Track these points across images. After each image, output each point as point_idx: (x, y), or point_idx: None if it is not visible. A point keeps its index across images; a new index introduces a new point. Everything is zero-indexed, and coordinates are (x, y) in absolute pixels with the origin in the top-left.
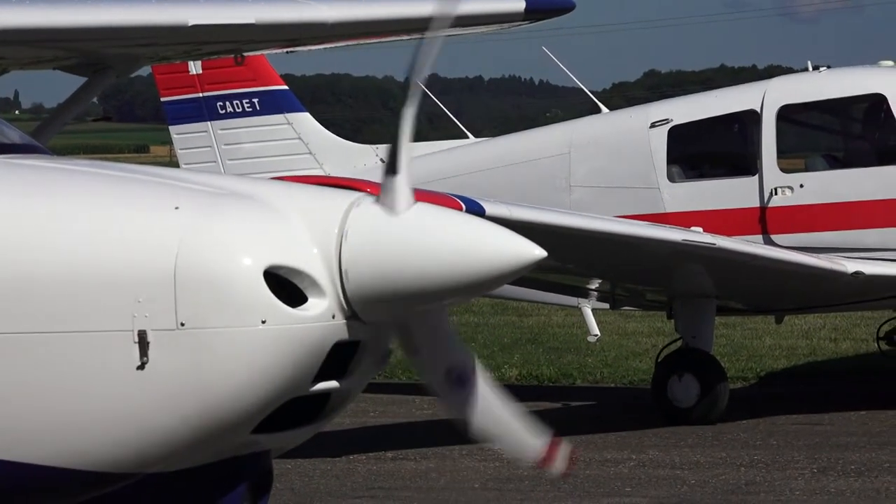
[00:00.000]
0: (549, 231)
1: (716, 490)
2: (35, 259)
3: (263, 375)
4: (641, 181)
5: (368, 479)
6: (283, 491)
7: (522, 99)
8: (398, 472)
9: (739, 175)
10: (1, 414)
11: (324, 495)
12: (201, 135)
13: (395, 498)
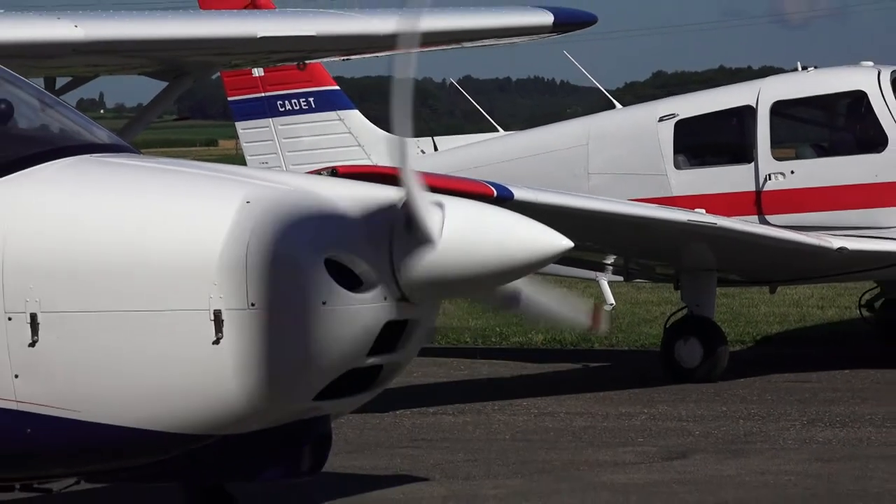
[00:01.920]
0: (571, 213)
1: (717, 440)
2: (129, 248)
3: (323, 350)
4: (651, 169)
5: (412, 432)
6: (337, 442)
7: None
8: (438, 425)
9: (737, 163)
10: (99, 383)
11: (373, 446)
12: (264, 130)
13: (435, 448)
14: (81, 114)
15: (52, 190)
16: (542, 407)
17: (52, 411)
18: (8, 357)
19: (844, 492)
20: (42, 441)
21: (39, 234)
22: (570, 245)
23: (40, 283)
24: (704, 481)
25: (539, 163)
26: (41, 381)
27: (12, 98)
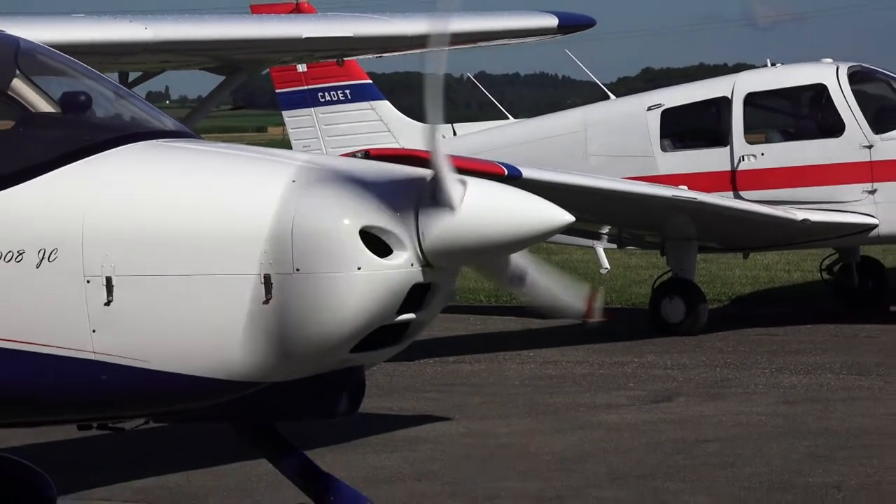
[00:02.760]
0: (572, 190)
1: (698, 385)
2: (191, 219)
3: (358, 309)
4: (640, 151)
5: (434, 378)
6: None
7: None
8: (457, 372)
9: (715, 146)
10: (166, 337)
11: (401, 390)
12: (306, 118)
13: (454, 392)
14: (150, 104)
15: (125, 170)
16: (547, 357)
17: (124, 361)
18: (87, 314)
19: (808, 429)
20: (115, 387)
21: (114, 208)
22: (572, 219)
23: (114, 250)
24: (687, 421)
25: (544, 146)
26: (115, 335)
27: (91, 90)
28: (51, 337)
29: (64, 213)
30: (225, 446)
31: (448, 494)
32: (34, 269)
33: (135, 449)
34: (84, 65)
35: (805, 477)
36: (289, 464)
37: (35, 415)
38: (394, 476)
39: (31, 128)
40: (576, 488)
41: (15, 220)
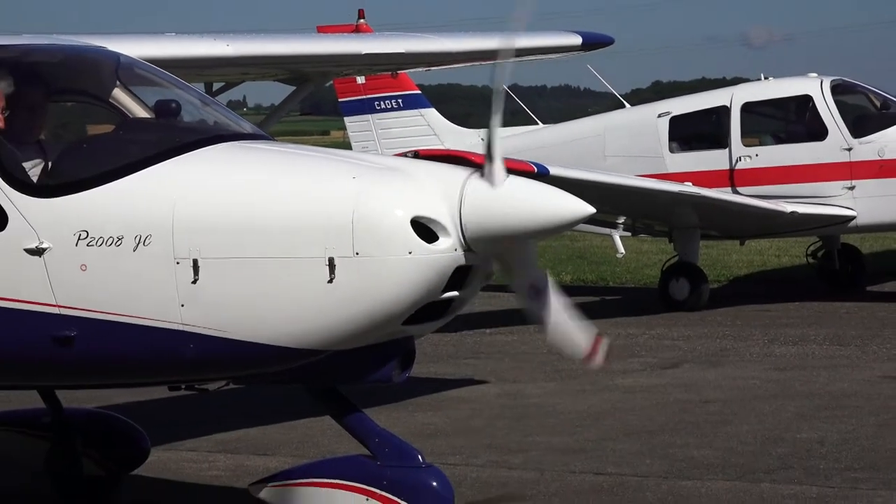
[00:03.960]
0: (592, 185)
1: (701, 353)
2: (266, 209)
3: (409, 287)
4: (652, 152)
5: (473, 347)
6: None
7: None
8: (493, 342)
9: (716, 148)
10: (244, 311)
11: (445, 357)
12: (364, 123)
13: (491, 359)
14: (231, 110)
15: (209, 167)
16: None
17: (209, 332)
18: (176, 291)
19: (795, 392)
20: (201, 353)
21: (200, 200)
22: (593, 210)
23: (200, 236)
24: (691, 384)
25: (568, 148)
26: (200, 309)
27: (181, 99)
28: (145, 310)
29: (157, 204)
30: (294, 405)
31: (485, 447)
32: (132, 252)
33: (217, 407)
34: (174, 76)
35: (793, 433)
36: (349, 420)
37: (132, 378)
38: (439, 431)
39: (129, 131)
40: (595, 441)
41: (115, 210)
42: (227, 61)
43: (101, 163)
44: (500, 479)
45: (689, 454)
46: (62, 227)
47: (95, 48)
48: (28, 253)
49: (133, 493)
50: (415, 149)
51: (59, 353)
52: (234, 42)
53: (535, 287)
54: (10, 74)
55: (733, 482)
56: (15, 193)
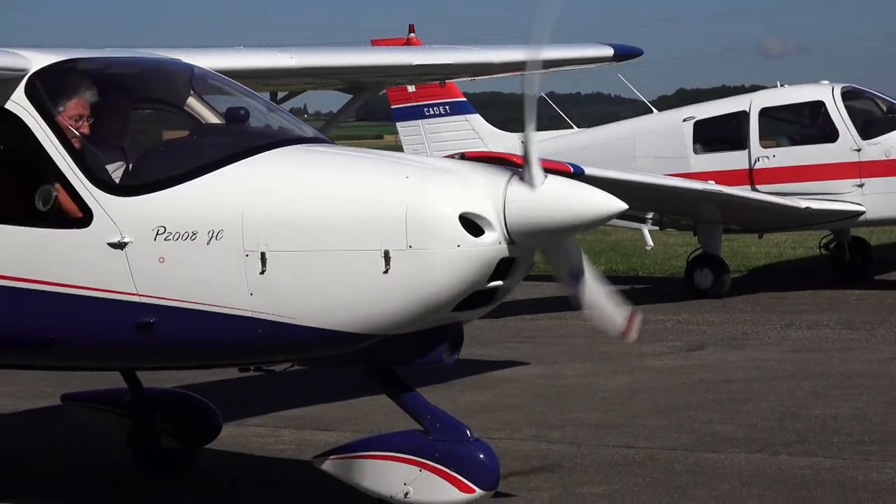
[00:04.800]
0: (624, 184)
1: (723, 337)
2: (327, 206)
3: (458, 277)
4: (677, 154)
5: (516, 331)
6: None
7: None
8: (534, 326)
9: (737, 149)
10: (307, 299)
11: (489, 340)
12: (415, 128)
13: (533, 342)
14: (294, 117)
15: (275, 168)
16: None
17: (275, 318)
18: (246, 281)
19: (810, 373)
20: (268, 338)
21: (267, 198)
22: (625, 207)
23: (268, 231)
24: (715, 365)
25: (601, 150)
26: (268, 297)
27: (248, 106)
28: (218, 299)
29: (228, 202)
30: (353, 385)
31: (527, 423)
32: (205, 245)
33: (282, 386)
34: (243, 86)
35: (809, 410)
36: (404, 398)
37: (206, 360)
38: (485, 408)
39: (202, 135)
40: (627, 418)
41: (190, 207)
42: (290, 72)
43: (177, 165)
44: (540, 452)
45: (714, 429)
46: (142, 223)
47: (171, 60)
48: (111, 247)
49: (206, 465)
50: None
51: (140, 338)
52: (297, 55)
53: (575, 273)
54: (95, 85)
55: (754, 454)
56: (99, 193)
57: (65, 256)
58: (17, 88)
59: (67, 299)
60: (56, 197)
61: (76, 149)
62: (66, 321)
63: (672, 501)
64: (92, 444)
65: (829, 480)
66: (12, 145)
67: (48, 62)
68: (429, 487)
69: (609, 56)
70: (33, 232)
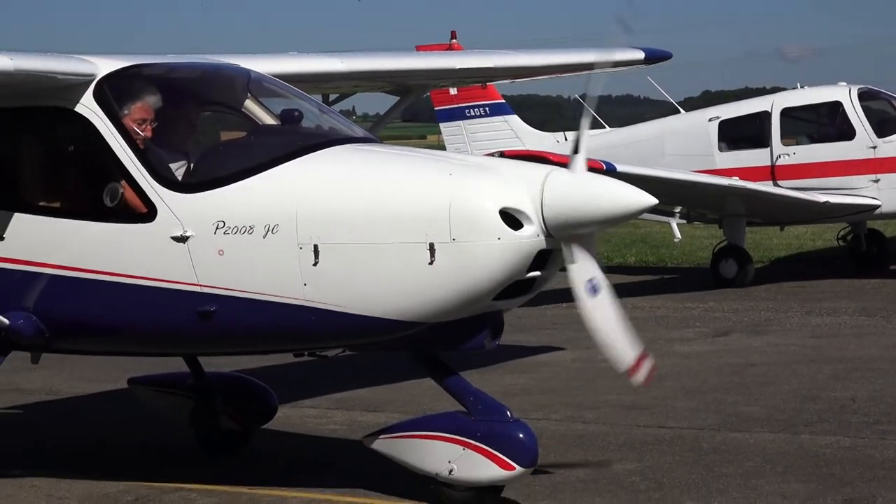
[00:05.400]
0: (654, 180)
1: (747, 324)
2: (376, 202)
3: (498, 268)
4: (703, 151)
5: (553, 319)
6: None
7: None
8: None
9: (759, 147)
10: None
11: (528, 328)
12: (457, 128)
13: (567, 329)
14: (345, 118)
15: (327, 166)
16: (635, 303)
17: (327, 307)
18: (300, 272)
19: (830, 357)
20: (321, 325)
21: (320, 194)
22: (655, 202)
23: (320, 225)
24: (739, 350)
25: (632, 148)
26: (320, 287)
27: (302, 108)
28: (274, 289)
29: (283, 198)
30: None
31: (563, 405)
32: (262, 239)
33: (334, 370)
34: (296, 89)
35: (828, 392)
36: (448, 381)
37: (263, 346)
38: (523, 391)
39: (258, 136)
40: (657, 399)
41: (247, 203)
42: (341, 76)
43: (235, 163)
44: (575, 432)
45: (739, 410)
46: (203, 218)
47: (230, 65)
48: (174, 240)
49: (263, 444)
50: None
51: (201, 326)
52: (346, 59)
53: (594, 284)
54: (158, 89)
55: (777, 434)
56: (163, 190)
57: (131, 249)
58: (86, 93)
59: (133, 289)
60: (122, 193)
61: (141, 148)
62: (132, 310)
63: (700, 478)
64: (156, 424)
65: (847, 458)
66: (82, 145)
67: (115, 68)
68: (471, 465)
69: (640, 59)
70: (101, 226)
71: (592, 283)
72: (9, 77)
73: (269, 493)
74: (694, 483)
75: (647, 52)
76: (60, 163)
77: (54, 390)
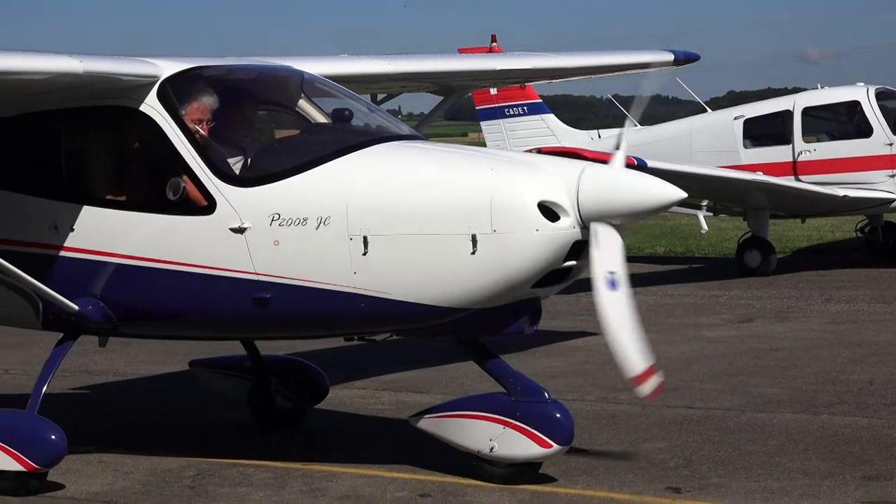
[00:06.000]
0: (682, 175)
1: (771, 310)
2: (422, 196)
3: (536, 257)
4: (729, 148)
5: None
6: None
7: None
8: None
9: (782, 144)
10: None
11: (563, 314)
12: (496, 126)
13: None
14: (392, 116)
15: (376, 162)
16: (664, 291)
17: (376, 294)
18: (350, 261)
19: (848, 342)
20: (370, 311)
21: (369, 188)
22: (684, 195)
23: (369, 217)
24: (763, 335)
25: (662, 145)
26: (369, 275)
27: (352, 107)
28: (326, 277)
29: (334, 192)
30: (443, 352)
31: (597, 386)
32: (314, 230)
33: (382, 354)
34: (347, 89)
35: (847, 375)
36: (489, 364)
37: (315, 330)
38: (559, 373)
39: (312, 133)
40: (686, 382)
41: (301, 196)
42: (388, 77)
43: (289, 159)
44: (608, 412)
45: (763, 392)
46: (259, 211)
47: (284, 67)
48: (233, 231)
49: (316, 422)
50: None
51: (258, 312)
52: (394, 62)
53: (614, 278)
54: (218, 89)
55: (798, 414)
56: (222, 184)
57: (192, 240)
58: (150, 93)
59: (194, 278)
60: (184, 188)
61: (201, 145)
62: (193, 297)
63: (726, 456)
64: (215, 404)
65: (866, 437)
66: (146, 142)
67: (177, 69)
68: (511, 442)
69: (670, 61)
70: (164, 219)
71: (612, 277)
72: (78, 79)
73: (320, 469)
74: (720, 460)
75: (677, 54)
76: (126, 159)
77: (120, 372)
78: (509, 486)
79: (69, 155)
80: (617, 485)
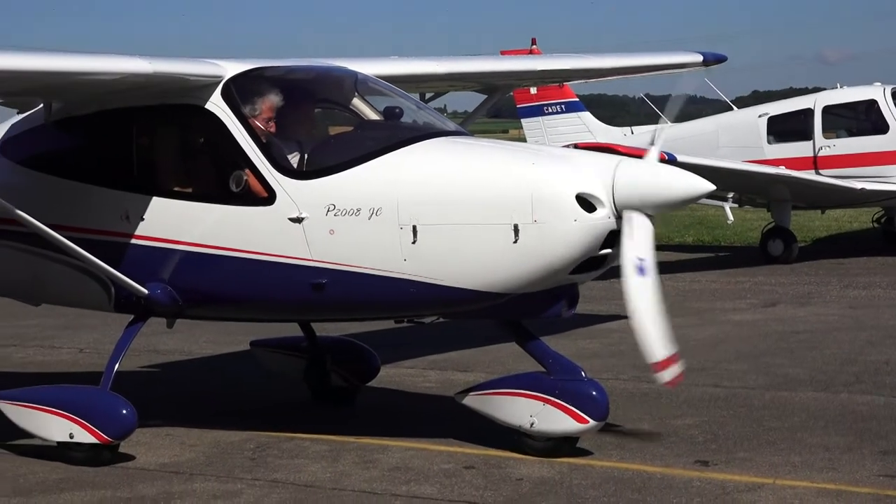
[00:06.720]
0: (710, 169)
1: (792, 296)
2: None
3: (575, 246)
4: (754, 144)
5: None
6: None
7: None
8: None
9: (803, 140)
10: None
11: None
12: (536, 123)
13: None
14: (439, 113)
15: (424, 156)
16: (692, 278)
17: (424, 279)
18: (400, 249)
19: (866, 325)
20: (419, 296)
21: (418, 181)
22: (712, 188)
23: (418, 208)
24: (786, 319)
25: (691, 141)
26: (418, 262)
27: (402, 105)
28: (377, 264)
29: (386, 184)
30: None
31: (630, 366)
32: (367, 220)
33: (429, 335)
34: (398, 88)
35: (865, 356)
36: (529, 345)
37: (367, 313)
38: (595, 354)
39: (365, 130)
40: (713, 362)
41: (355, 188)
42: (437, 77)
43: (344, 153)
44: (640, 391)
45: (785, 371)
46: (316, 202)
47: (339, 67)
48: (291, 221)
49: (368, 399)
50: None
51: (315, 296)
52: (443, 62)
53: (643, 265)
54: (278, 88)
55: (819, 393)
56: (281, 177)
57: (253, 229)
58: (214, 92)
59: (256, 264)
60: (246, 180)
61: (262, 141)
62: (254, 282)
63: (751, 431)
64: (274, 382)
65: (882, 415)
66: (210, 138)
67: (240, 70)
68: (551, 418)
69: (699, 62)
70: (228, 209)
71: (642, 263)
72: (147, 79)
73: (372, 442)
74: (746, 436)
75: (706, 56)
76: (192, 153)
77: (186, 351)
78: (548, 458)
79: (140, 150)
80: (649, 458)
